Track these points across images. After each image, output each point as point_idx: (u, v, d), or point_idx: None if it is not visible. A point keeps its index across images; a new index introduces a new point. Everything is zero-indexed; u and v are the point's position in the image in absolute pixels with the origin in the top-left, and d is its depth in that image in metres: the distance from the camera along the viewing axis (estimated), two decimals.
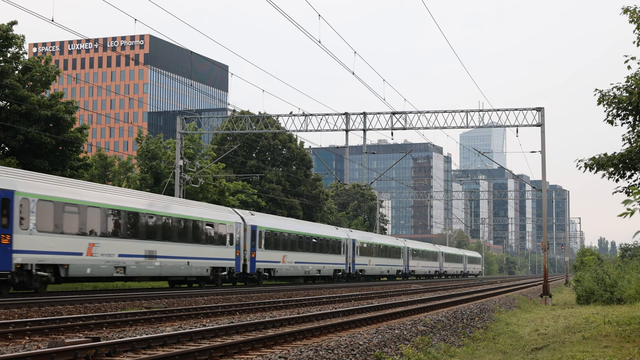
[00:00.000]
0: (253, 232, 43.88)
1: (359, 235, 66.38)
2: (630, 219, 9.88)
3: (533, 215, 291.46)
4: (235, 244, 41.64)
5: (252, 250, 43.81)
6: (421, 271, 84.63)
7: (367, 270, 65.75)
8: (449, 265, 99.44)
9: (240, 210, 45.83)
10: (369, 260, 66.20)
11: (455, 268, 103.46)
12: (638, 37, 17.78)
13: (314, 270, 53.20)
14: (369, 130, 44.90)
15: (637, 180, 18.35)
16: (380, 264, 69.26)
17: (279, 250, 47.62)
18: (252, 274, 44.03)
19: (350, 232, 63.35)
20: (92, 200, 30.53)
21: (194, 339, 14.70)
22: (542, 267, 54.80)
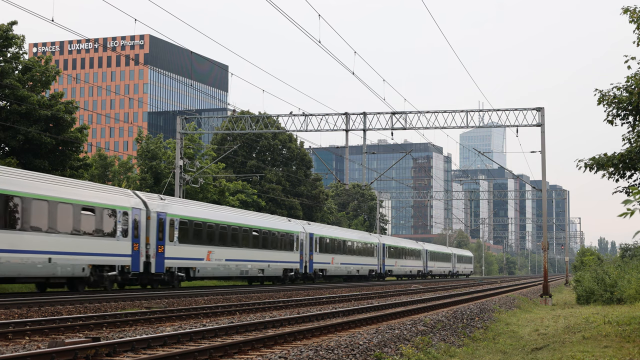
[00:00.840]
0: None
1: (319, 228, 58.86)
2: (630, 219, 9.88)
3: (533, 215, 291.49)
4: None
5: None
6: (400, 271, 77.20)
7: (330, 269, 58.12)
8: (435, 265, 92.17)
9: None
10: (332, 258, 58.55)
11: (442, 268, 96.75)
12: (638, 37, 17.78)
13: (254, 270, 44.67)
14: (369, 130, 44.90)
15: (637, 180, 18.35)
16: (347, 263, 61.62)
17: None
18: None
19: (307, 225, 55.76)
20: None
21: (194, 339, 14.70)
22: (542, 267, 54.81)
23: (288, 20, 31.51)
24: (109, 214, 31.82)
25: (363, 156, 50.04)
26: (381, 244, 70.64)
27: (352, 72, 38.73)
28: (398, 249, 75.75)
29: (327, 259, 58.21)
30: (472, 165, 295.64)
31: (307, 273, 53.52)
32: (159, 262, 35.17)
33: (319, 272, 55.92)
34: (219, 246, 40.61)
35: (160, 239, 35.29)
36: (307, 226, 55.49)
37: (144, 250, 34.04)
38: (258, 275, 45.38)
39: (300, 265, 51.74)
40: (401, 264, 76.37)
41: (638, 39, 17.78)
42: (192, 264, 38.13)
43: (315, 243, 56.05)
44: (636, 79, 17.71)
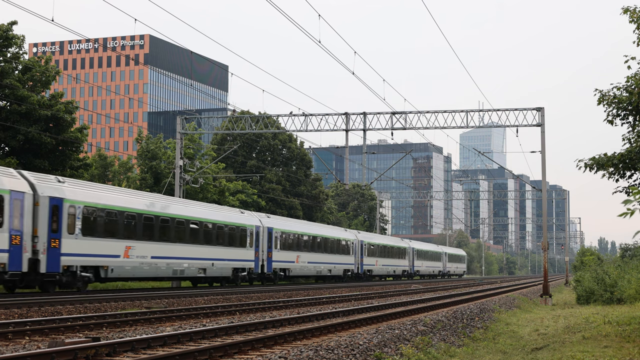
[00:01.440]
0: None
1: (281, 222, 51.35)
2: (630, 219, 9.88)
3: (533, 215, 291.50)
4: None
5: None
6: (382, 271, 70.02)
7: (295, 269, 50.95)
8: (423, 264, 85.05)
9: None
10: (298, 256, 51.16)
11: (431, 267, 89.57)
12: (638, 37, 17.78)
13: (192, 269, 38.12)
14: (369, 130, 44.91)
15: (637, 180, 18.35)
16: (316, 262, 53.33)
17: None
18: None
19: (265, 219, 48.26)
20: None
21: (194, 339, 14.70)
22: (542, 267, 54.81)
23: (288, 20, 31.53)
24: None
25: (363, 156, 50.05)
26: (359, 241, 63.20)
27: (352, 72, 38.74)
28: (379, 247, 69.34)
29: (291, 257, 50.65)
30: (472, 165, 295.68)
31: (265, 273, 46.55)
32: (52, 260, 28.80)
33: (279, 272, 48.83)
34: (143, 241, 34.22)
35: (55, 230, 28.96)
36: (266, 219, 48.39)
37: (30, 245, 27.86)
38: (198, 275, 39.06)
39: (255, 264, 45.09)
40: (383, 263, 69.53)
41: (638, 39, 17.79)
42: (103, 261, 31.66)
43: (276, 239, 48.26)
44: (636, 79, 17.71)
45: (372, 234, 77.36)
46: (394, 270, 73.79)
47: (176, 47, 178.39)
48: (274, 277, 47.68)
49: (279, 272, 48.16)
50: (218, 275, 41.19)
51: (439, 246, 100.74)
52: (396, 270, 74.51)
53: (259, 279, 46.97)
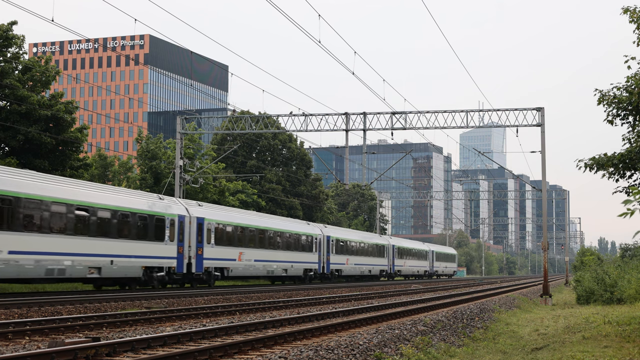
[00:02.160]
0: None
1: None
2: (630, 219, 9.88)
3: (533, 215, 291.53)
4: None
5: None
6: (354, 271, 62.42)
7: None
8: (405, 263, 77.47)
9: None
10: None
11: (415, 267, 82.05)
12: (638, 37, 17.78)
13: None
14: (369, 130, 44.89)
15: (637, 180, 18.35)
16: (266, 260, 46.48)
17: None
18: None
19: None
20: None
21: (194, 339, 14.70)
22: (542, 267, 54.81)
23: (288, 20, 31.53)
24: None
25: (363, 156, 50.03)
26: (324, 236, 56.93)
27: (352, 72, 38.73)
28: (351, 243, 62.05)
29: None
30: (472, 165, 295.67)
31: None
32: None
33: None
34: None
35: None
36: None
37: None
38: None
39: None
40: (355, 262, 62.31)
41: (638, 39, 17.78)
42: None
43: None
44: (636, 79, 17.71)
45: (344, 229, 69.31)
46: (370, 270, 65.79)
47: (176, 47, 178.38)
48: (208, 277, 40.13)
49: (213, 271, 40.56)
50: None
51: (425, 244, 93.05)
52: (372, 269, 66.74)
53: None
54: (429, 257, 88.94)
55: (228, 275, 42.40)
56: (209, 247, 39.86)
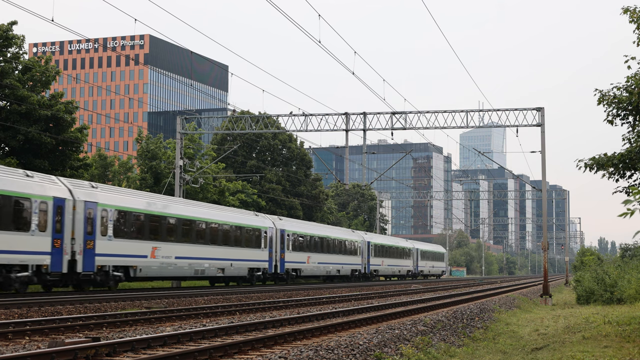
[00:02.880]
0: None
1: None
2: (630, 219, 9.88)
3: (533, 215, 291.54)
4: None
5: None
6: (317, 270, 55.04)
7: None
8: (384, 262, 69.26)
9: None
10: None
11: (395, 266, 73.46)
12: (638, 37, 17.78)
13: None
14: (369, 130, 44.91)
15: (637, 180, 18.36)
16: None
17: None
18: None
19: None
20: None
21: (194, 339, 14.70)
22: (542, 267, 54.82)
23: (288, 20, 31.53)
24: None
25: (363, 156, 50.03)
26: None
27: (352, 72, 38.74)
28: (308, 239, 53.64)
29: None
30: (472, 165, 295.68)
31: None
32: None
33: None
34: None
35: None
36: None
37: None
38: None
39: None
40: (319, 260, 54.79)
41: (638, 39, 17.79)
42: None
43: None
44: (636, 79, 17.71)
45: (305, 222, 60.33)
46: (338, 270, 58.92)
47: (176, 47, 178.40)
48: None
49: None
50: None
51: (409, 241, 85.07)
52: (342, 269, 59.64)
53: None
54: (413, 256, 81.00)
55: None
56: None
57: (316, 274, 55.43)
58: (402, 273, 76.21)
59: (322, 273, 55.93)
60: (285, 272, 48.94)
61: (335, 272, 58.06)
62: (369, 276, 64.88)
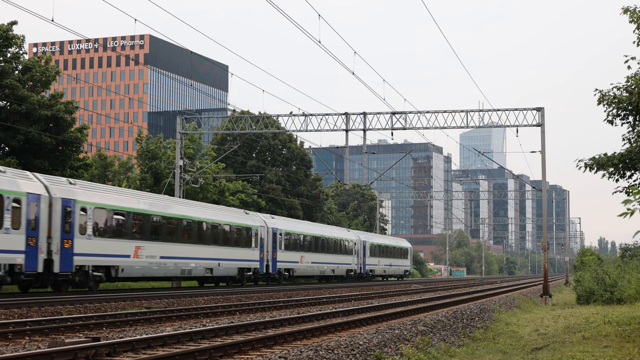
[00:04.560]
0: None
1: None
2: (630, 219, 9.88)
3: (533, 215, 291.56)
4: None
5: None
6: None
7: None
8: (304, 258, 51.82)
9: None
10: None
11: (323, 264, 55.25)
12: (638, 37, 17.78)
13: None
14: (369, 130, 44.91)
15: (637, 180, 18.36)
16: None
17: None
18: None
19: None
20: None
21: (194, 339, 14.70)
22: (542, 267, 54.83)
23: (288, 20, 31.53)
24: None
25: (363, 156, 50.03)
26: None
27: (352, 72, 38.74)
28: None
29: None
30: (472, 165, 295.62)
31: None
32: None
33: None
34: None
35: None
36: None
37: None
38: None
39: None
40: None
41: (638, 39, 17.79)
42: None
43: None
44: (636, 79, 17.71)
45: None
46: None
47: (176, 47, 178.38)
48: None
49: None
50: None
51: (352, 231, 66.73)
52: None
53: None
54: (357, 250, 62.96)
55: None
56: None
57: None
58: (338, 272, 58.67)
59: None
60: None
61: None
62: (267, 279, 49.36)
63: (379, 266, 54.75)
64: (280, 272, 48.04)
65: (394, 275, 73.92)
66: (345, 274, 59.67)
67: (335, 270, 57.16)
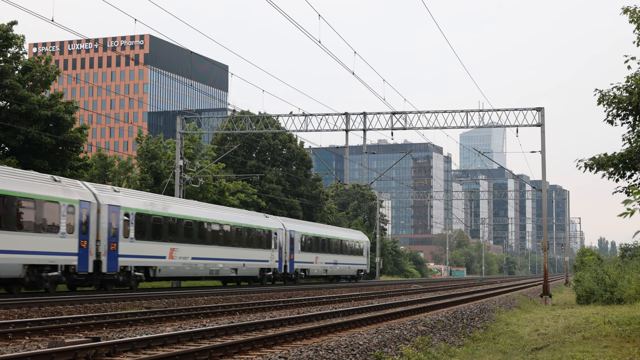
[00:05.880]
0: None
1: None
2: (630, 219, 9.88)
3: (533, 215, 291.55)
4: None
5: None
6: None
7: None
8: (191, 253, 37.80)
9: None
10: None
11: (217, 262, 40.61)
12: (638, 37, 17.78)
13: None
14: (369, 130, 44.89)
15: (637, 180, 18.36)
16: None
17: None
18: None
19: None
20: None
21: (194, 339, 14.70)
22: (542, 267, 54.83)
23: (288, 20, 31.52)
24: None
25: (363, 156, 50.02)
26: None
27: (352, 72, 38.73)
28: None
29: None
30: (472, 165, 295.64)
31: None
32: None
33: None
34: None
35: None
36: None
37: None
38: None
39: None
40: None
41: (638, 39, 17.79)
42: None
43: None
44: (636, 79, 17.71)
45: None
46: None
47: (176, 47, 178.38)
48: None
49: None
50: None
51: (270, 217, 49.63)
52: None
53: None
54: (277, 243, 47.64)
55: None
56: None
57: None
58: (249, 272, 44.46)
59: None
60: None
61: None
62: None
63: (317, 264, 47.53)
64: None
65: (342, 276, 60.28)
66: (259, 275, 45.67)
67: (240, 270, 43.34)
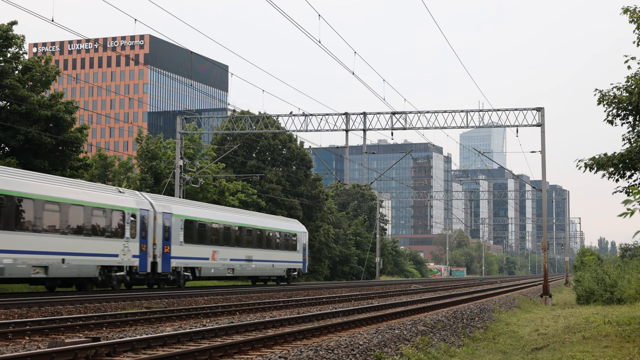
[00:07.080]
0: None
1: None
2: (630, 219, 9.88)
3: (533, 215, 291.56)
4: None
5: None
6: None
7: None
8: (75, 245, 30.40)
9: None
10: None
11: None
12: (638, 37, 17.78)
13: None
14: (369, 130, 44.90)
15: (637, 180, 18.36)
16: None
17: None
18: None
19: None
20: None
21: (194, 339, 14.70)
22: (542, 267, 54.81)
23: (288, 20, 31.52)
24: None
25: (363, 156, 50.02)
26: None
27: (352, 72, 38.73)
28: None
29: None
30: (472, 165, 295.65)
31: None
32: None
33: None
34: None
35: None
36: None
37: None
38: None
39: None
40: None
41: (638, 39, 17.79)
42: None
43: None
44: (636, 79, 17.71)
45: None
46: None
47: (176, 47, 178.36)
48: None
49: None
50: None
51: (127, 192, 34.99)
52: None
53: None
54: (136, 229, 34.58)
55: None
56: None
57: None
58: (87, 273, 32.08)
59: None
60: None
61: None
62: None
63: (215, 262, 38.72)
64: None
65: (264, 276, 48.73)
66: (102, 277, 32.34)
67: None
